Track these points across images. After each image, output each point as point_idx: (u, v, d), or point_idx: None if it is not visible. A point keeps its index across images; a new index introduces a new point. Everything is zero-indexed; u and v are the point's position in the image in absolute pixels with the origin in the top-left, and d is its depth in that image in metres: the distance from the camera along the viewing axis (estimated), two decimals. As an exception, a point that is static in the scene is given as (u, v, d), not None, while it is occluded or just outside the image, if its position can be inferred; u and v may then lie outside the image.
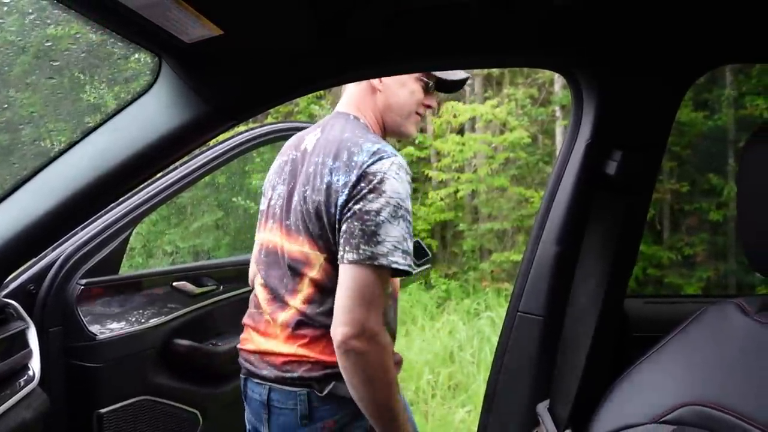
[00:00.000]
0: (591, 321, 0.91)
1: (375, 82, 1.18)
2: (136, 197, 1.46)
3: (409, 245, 1.07)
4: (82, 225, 1.38)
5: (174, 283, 1.59)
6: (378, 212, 1.04)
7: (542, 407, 0.94)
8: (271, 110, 7.93)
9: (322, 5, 0.70)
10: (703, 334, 0.75)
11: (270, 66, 0.80)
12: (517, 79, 8.46)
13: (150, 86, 0.90)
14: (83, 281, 1.36)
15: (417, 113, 1.20)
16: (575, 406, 0.86)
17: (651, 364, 0.76)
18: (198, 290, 1.64)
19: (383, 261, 1.03)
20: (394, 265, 1.04)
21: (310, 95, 8.02)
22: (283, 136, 2.01)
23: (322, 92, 8.33)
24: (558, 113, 7.55)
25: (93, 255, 1.37)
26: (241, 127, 1.69)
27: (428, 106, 1.21)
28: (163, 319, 1.52)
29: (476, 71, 8.45)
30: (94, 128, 0.93)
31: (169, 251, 6.35)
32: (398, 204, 1.06)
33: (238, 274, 1.84)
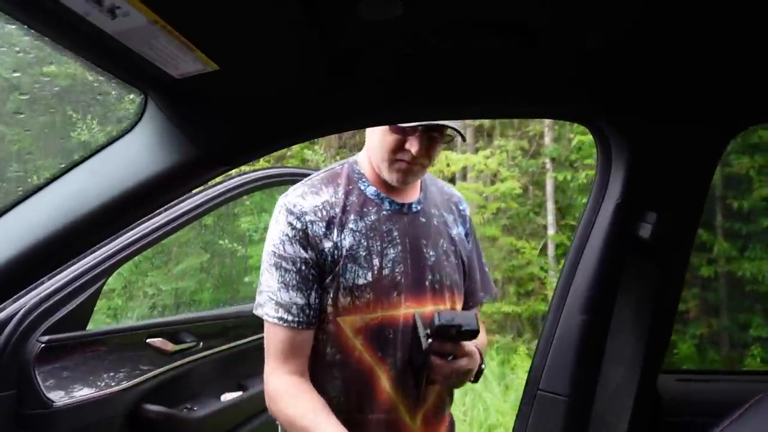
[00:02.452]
0: (626, 403, 0.80)
1: None
2: (112, 244, 1.34)
3: (283, 296, 1.05)
4: (48, 275, 1.25)
5: (148, 340, 1.45)
6: (263, 261, 1.09)
7: (568, 504, 0.81)
8: (263, 154, 7.88)
9: (332, 42, 0.61)
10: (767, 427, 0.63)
11: (270, 108, 0.71)
12: (508, 131, 8.59)
13: (133, 126, 0.81)
14: (44, 338, 1.21)
15: (397, 160, 1.06)
16: None
17: None
18: (174, 347, 1.49)
19: (258, 311, 1.08)
20: (265, 317, 1.06)
21: (302, 140, 8.02)
22: (277, 182, 1.92)
23: (314, 137, 8.35)
24: (548, 165, 7.62)
25: (58, 309, 1.23)
26: (233, 171, 1.59)
27: (402, 160, 1.05)
28: (133, 381, 1.36)
29: (468, 122, 8.57)
30: (67, 169, 0.83)
31: (150, 293, 6.16)
32: (272, 251, 1.07)
33: (222, 329, 1.71)
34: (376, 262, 1.06)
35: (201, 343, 1.59)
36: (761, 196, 5.73)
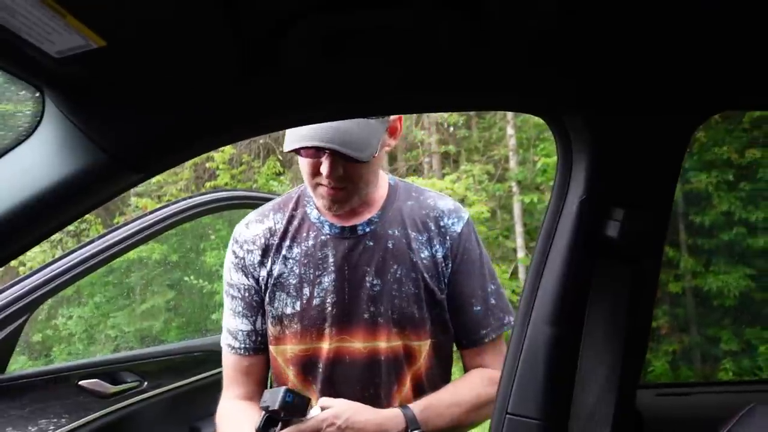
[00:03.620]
0: (604, 423, 0.71)
1: None
2: (33, 278, 1.20)
3: (231, 322, 1.07)
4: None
5: (81, 382, 1.29)
6: None
7: None
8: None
9: (248, 14, 0.53)
10: None
11: (178, 99, 0.62)
12: (474, 156, 8.69)
13: (32, 131, 0.71)
14: (-49, 385, 1.06)
15: (318, 185, 0.98)
16: None
17: None
18: (113, 389, 1.34)
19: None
20: (222, 343, 1.09)
21: (268, 169, 7.93)
22: (232, 205, 1.81)
23: (281, 168, 8.26)
24: (515, 189, 7.71)
25: (-32, 350, 1.09)
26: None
27: (321, 184, 0.97)
28: (63, 429, 1.21)
29: (434, 148, 8.66)
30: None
31: (113, 336, 5.92)
32: (225, 280, 1.09)
33: (170, 366, 1.56)
34: (306, 291, 1.00)
35: (145, 383, 1.45)
36: (721, 211, 5.88)
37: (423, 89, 0.69)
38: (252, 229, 1.06)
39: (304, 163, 0.98)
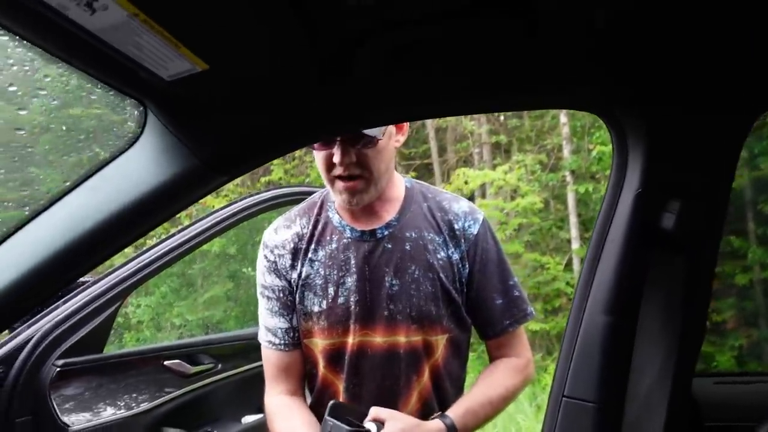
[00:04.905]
0: (660, 407, 0.74)
1: None
2: (125, 268, 1.34)
3: (269, 321, 1.13)
4: (63, 299, 1.25)
5: (165, 362, 1.43)
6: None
7: None
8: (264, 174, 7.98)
9: (323, 35, 0.60)
10: None
11: (264, 111, 0.69)
12: (526, 145, 8.53)
13: (135, 140, 0.81)
14: (60, 362, 1.21)
15: (335, 178, 1.03)
16: None
17: None
18: (193, 369, 1.48)
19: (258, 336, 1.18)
20: (260, 341, 1.16)
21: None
22: (289, 201, 1.91)
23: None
24: (569, 178, 7.52)
25: (74, 332, 1.22)
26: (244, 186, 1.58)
27: (337, 177, 1.02)
28: (151, 404, 1.35)
29: (484, 139, 8.57)
30: (70, 189, 0.82)
31: (177, 324, 6.25)
32: (259, 281, 1.15)
33: (239, 351, 1.68)
34: (331, 291, 1.07)
35: (219, 365, 1.57)
36: (794, 199, 5.52)
37: (481, 92, 0.74)
38: (281, 234, 1.13)
39: (319, 158, 1.04)
